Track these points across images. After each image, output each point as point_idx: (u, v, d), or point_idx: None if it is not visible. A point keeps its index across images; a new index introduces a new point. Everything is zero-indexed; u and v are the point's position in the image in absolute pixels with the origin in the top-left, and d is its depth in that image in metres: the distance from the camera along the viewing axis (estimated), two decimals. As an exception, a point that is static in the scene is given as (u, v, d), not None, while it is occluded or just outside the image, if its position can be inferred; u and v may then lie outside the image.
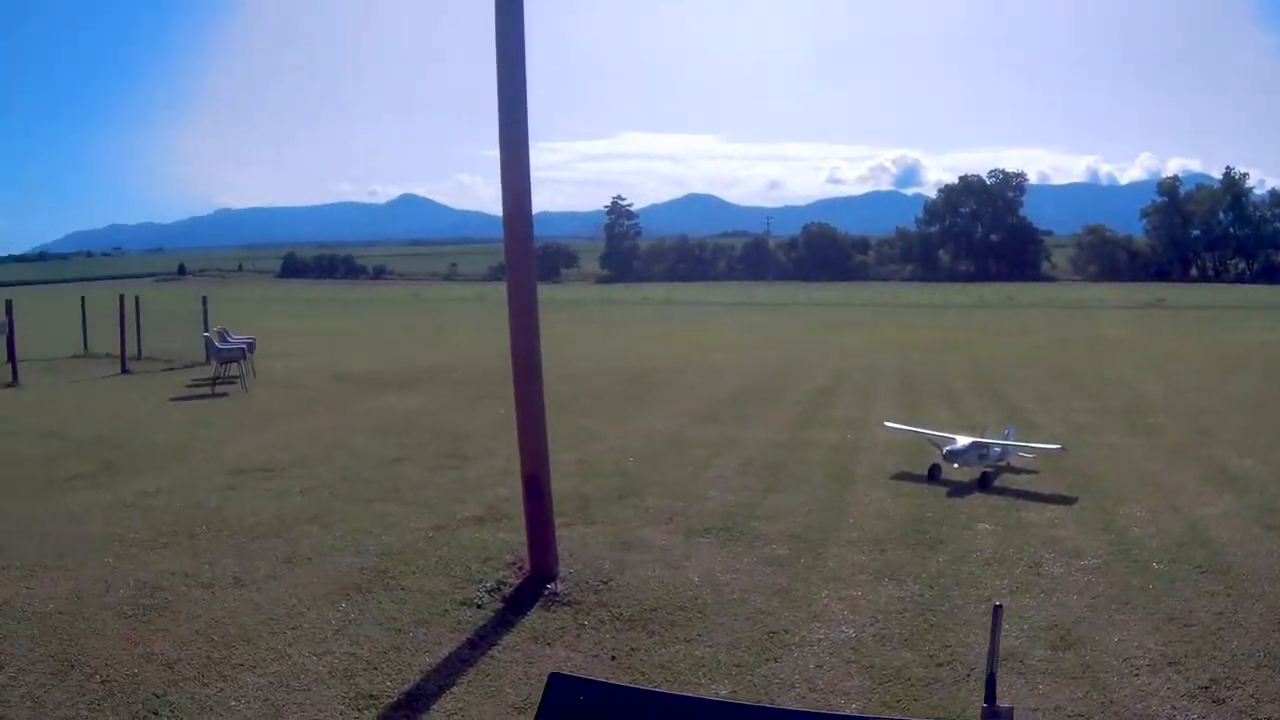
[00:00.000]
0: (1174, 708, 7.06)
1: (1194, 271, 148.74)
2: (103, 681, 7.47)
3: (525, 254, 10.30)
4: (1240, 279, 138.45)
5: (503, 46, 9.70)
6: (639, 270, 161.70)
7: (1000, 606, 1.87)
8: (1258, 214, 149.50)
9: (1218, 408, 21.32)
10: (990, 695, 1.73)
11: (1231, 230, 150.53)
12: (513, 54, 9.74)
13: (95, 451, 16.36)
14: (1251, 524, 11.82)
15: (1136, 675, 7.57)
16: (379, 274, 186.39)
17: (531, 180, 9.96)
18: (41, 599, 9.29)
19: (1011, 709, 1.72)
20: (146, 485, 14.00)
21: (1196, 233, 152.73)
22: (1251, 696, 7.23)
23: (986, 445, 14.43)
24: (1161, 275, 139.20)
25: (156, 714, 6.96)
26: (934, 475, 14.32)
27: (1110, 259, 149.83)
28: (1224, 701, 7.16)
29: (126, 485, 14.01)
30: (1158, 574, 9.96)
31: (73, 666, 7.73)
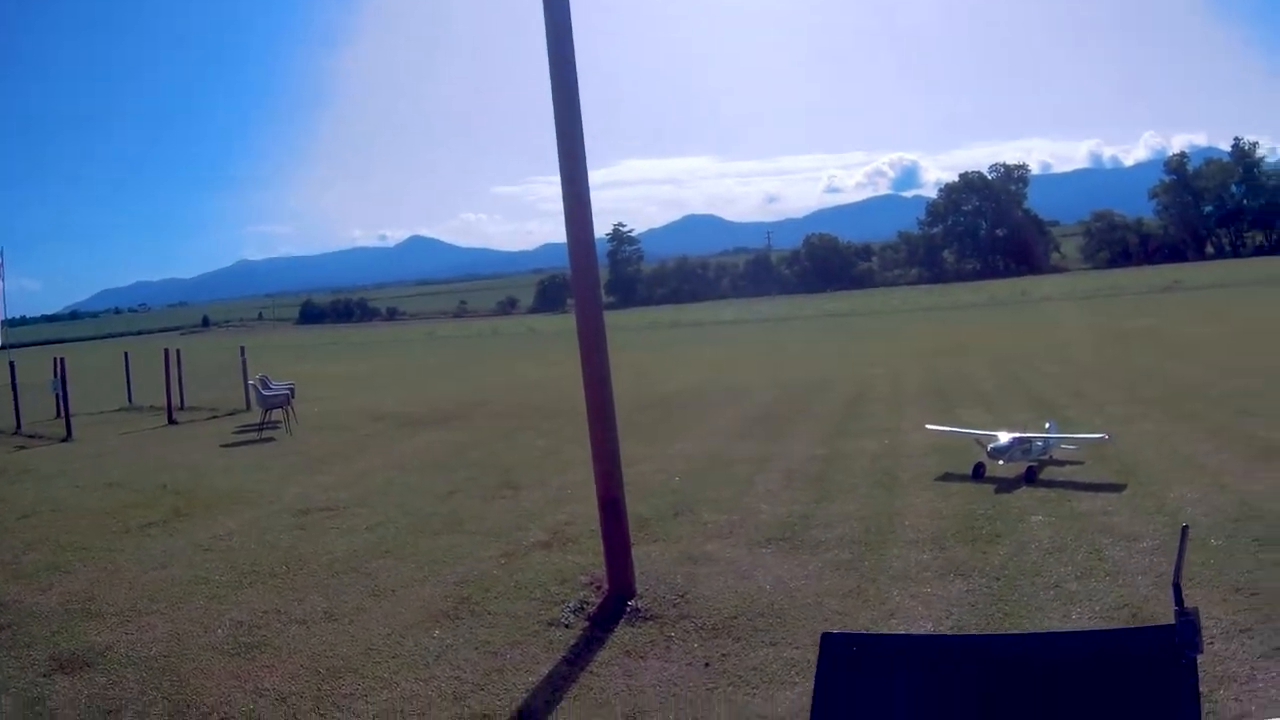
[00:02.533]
0: (1252, 668, 7.16)
1: (1210, 249, 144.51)
2: (221, 719, 7.55)
3: (592, 298, 10.50)
4: (1259, 251, 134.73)
5: (563, 134, 9.91)
6: (643, 294, 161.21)
7: (1187, 527, 2.07)
8: (1271, 182, 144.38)
9: (1252, 386, 21.13)
10: (1178, 600, 1.94)
11: (1245, 202, 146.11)
12: (573, 143, 9.90)
13: (161, 499, 16.45)
14: None
15: (1211, 643, 7.59)
16: (392, 315, 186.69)
17: (537, 214, 10.13)
18: (143, 643, 9.40)
19: (1196, 609, 1.92)
20: (218, 529, 14.10)
21: (1209, 208, 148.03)
22: None
23: (1029, 440, 14.40)
24: (1176, 256, 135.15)
25: (281, 746, 7.05)
26: (979, 473, 14.30)
27: (1121, 244, 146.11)
28: None
29: (199, 530, 14.12)
30: (1217, 549, 9.99)
31: (188, 706, 7.81)
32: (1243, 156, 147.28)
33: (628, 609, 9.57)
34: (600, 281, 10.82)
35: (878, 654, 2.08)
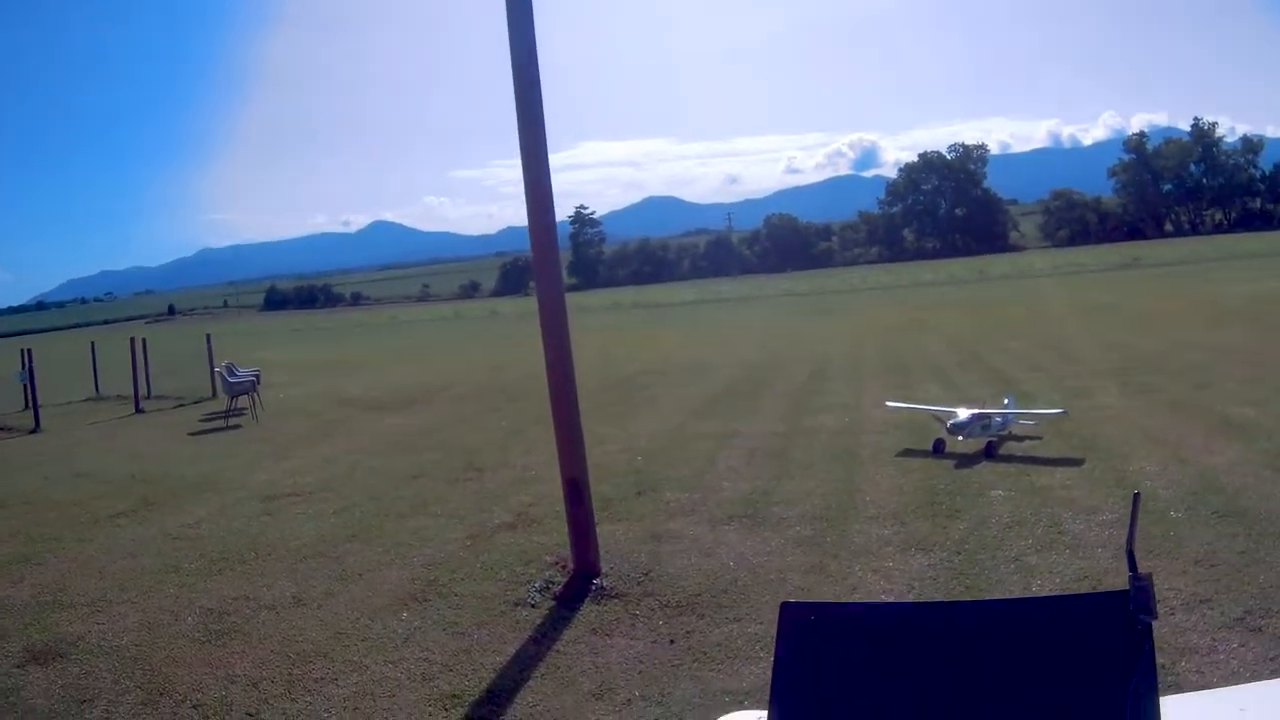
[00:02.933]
0: (1213, 639, 7.27)
1: (1169, 227, 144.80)
2: (194, 706, 7.59)
3: (554, 280, 10.55)
4: (1218, 229, 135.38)
5: (523, 113, 9.94)
6: (605, 276, 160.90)
7: (1139, 494, 2.14)
8: (1230, 162, 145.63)
9: (1211, 361, 21.37)
10: (1132, 566, 2.02)
11: (1205, 181, 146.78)
12: (534, 117, 9.94)
13: (130, 488, 16.40)
14: (1262, 469, 11.97)
15: (1172, 614, 7.75)
16: (356, 300, 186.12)
17: (499, 198, 10.18)
18: (115, 632, 9.41)
19: (1150, 575, 2.00)
20: (187, 517, 14.09)
21: (1168, 187, 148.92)
22: None
23: (989, 415, 14.52)
24: (1135, 234, 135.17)
25: (256, 731, 7.09)
26: (939, 449, 14.42)
27: (1080, 222, 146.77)
28: (1260, 630, 7.38)
29: (168, 518, 14.10)
30: (1177, 522, 10.13)
31: (162, 694, 7.84)
32: (1202, 136, 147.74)
33: (593, 588, 9.65)
34: (562, 263, 10.85)
35: (836, 622, 2.15)
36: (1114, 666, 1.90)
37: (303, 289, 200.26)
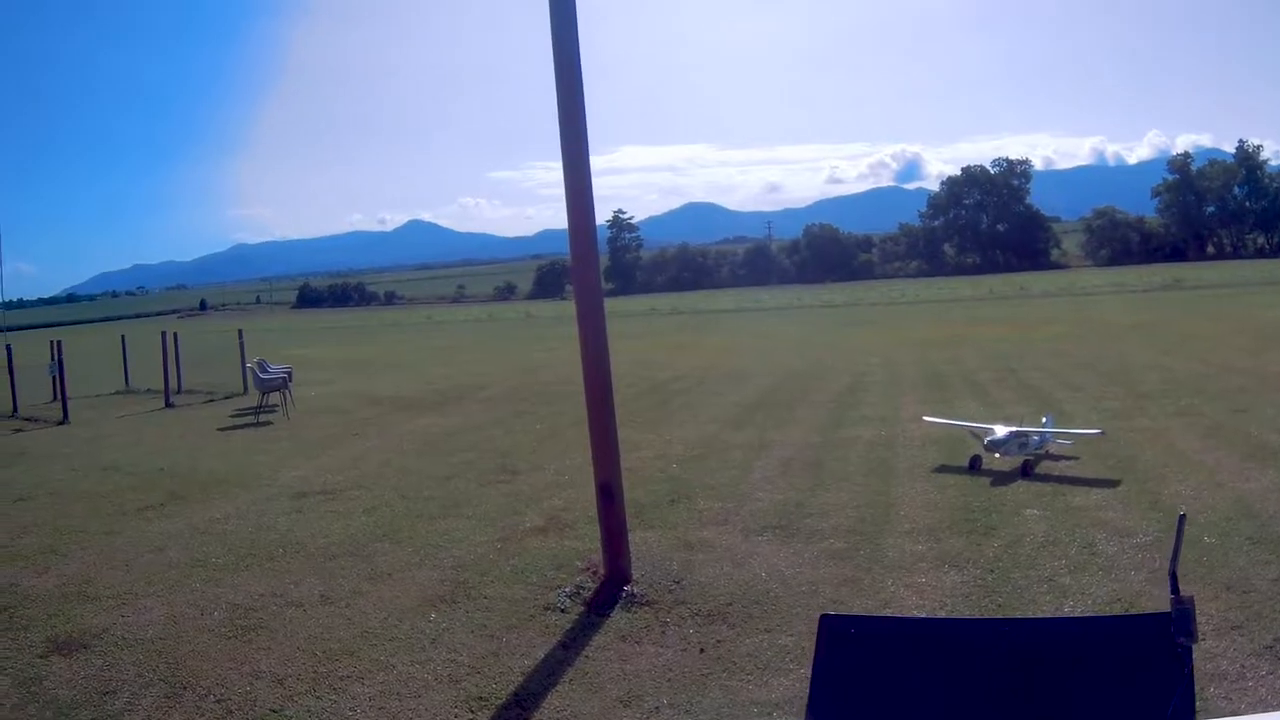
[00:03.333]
0: (1242, 666, 7.19)
1: (1210, 249, 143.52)
2: (218, 701, 7.59)
3: (593, 284, 10.53)
4: (1260, 254, 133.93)
5: (564, 108, 9.92)
6: (643, 282, 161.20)
7: (1184, 515, 2.12)
8: (1274, 185, 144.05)
9: (1250, 386, 21.17)
10: (1174, 589, 1.99)
11: (1248, 204, 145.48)
12: (575, 122, 9.94)
13: (158, 482, 16.49)
14: None
15: (1204, 639, 7.63)
16: (390, 299, 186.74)
17: (536, 200, 10.18)
18: (140, 625, 9.43)
19: (1192, 597, 1.97)
20: (215, 513, 14.14)
21: (1211, 209, 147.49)
22: None
23: (1026, 434, 14.41)
24: (1177, 255, 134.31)
25: (279, 728, 7.09)
26: (975, 466, 14.32)
27: (1123, 241, 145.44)
28: None
29: (196, 513, 14.15)
30: (1210, 547, 10.01)
31: (185, 688, 7.84)
32: (1246, 158, 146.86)
33: (623, 594, 9.62)
34: (600, 268, 10.83)
35: (876, 636, 2.12)
36: (1153, 688, 1.87)
37: (336, 287, 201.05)
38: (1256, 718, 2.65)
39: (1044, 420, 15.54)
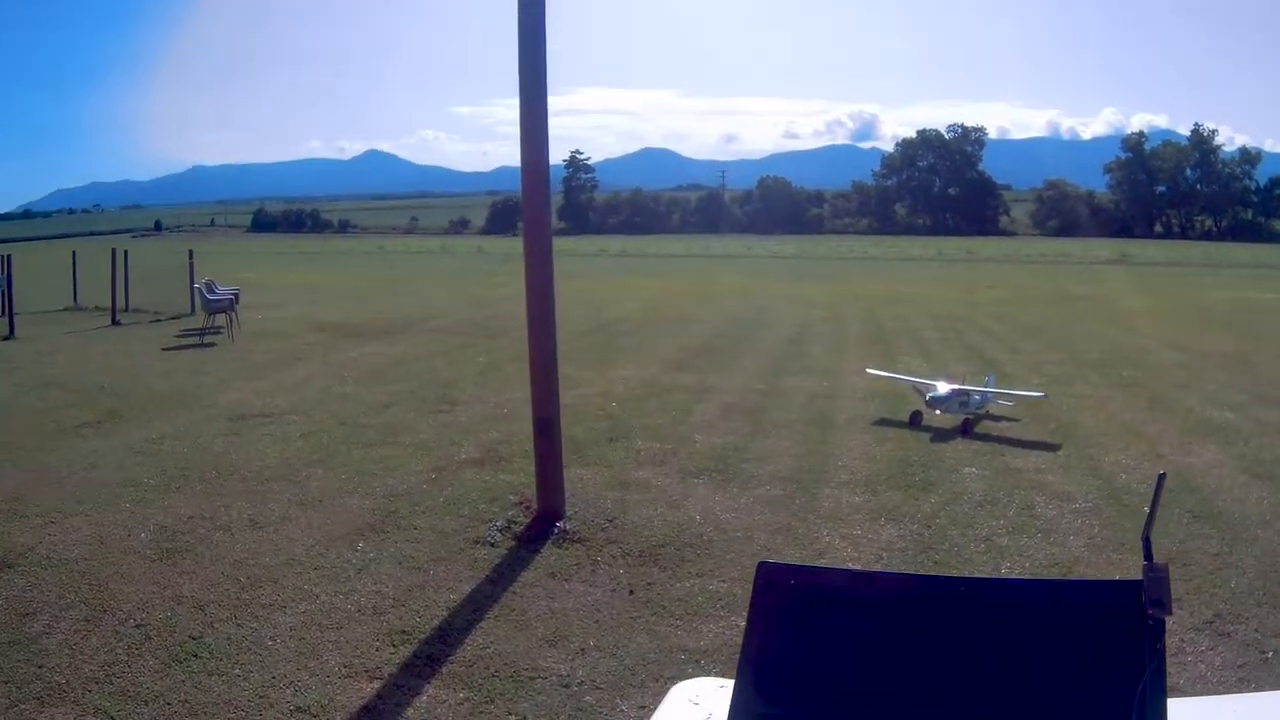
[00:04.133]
0: (1182, 640, 7.02)
1: (1159, 228, 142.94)
2: (137, 626, 7.31)
3: (541, 216, 10.26)
4: (1207, 236, 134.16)
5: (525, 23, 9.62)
6: (595, 224, 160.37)
7: (1164, 475, 1.88)
8: (1226, 171, 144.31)
9: (1191, 362, 21.11)
10: (1148, 555, 1.76)
11: (1199, 187, 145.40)
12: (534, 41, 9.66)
13: (98, 400, 16.10)
14: (1238, 473, 11.72)
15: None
16: (344, 227, 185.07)
17: (495, 136, 9.93)
18: (65, 545, 9.11)
19: (1167, 565, 1.74)
20: (152, 432, 13.81)
21: (1162, 189, 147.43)
22: (1256, 631, 7.21)
23: (968, 392, 14.30)
24: (1125, 231, 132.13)
25: (196, 656, 6.83)
26: (915, 421, 14.24)
27: (1071, 214, 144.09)
28: (1229, 635, 7.15)
29: (133, 432, 13.82)
30: (1151, 519, 9.87)
31: (105, 611, 7.56)
32: (1200, 142, 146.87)
33: (555, 530, 9.41)
34: (551, 206, 10.57)
35: (818, 587, 1.90)
36: (1120, 662, 1.66)
37: (291, 212, 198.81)
38: (1234, 698, 2.44)
39: (986, 380, 15.47)
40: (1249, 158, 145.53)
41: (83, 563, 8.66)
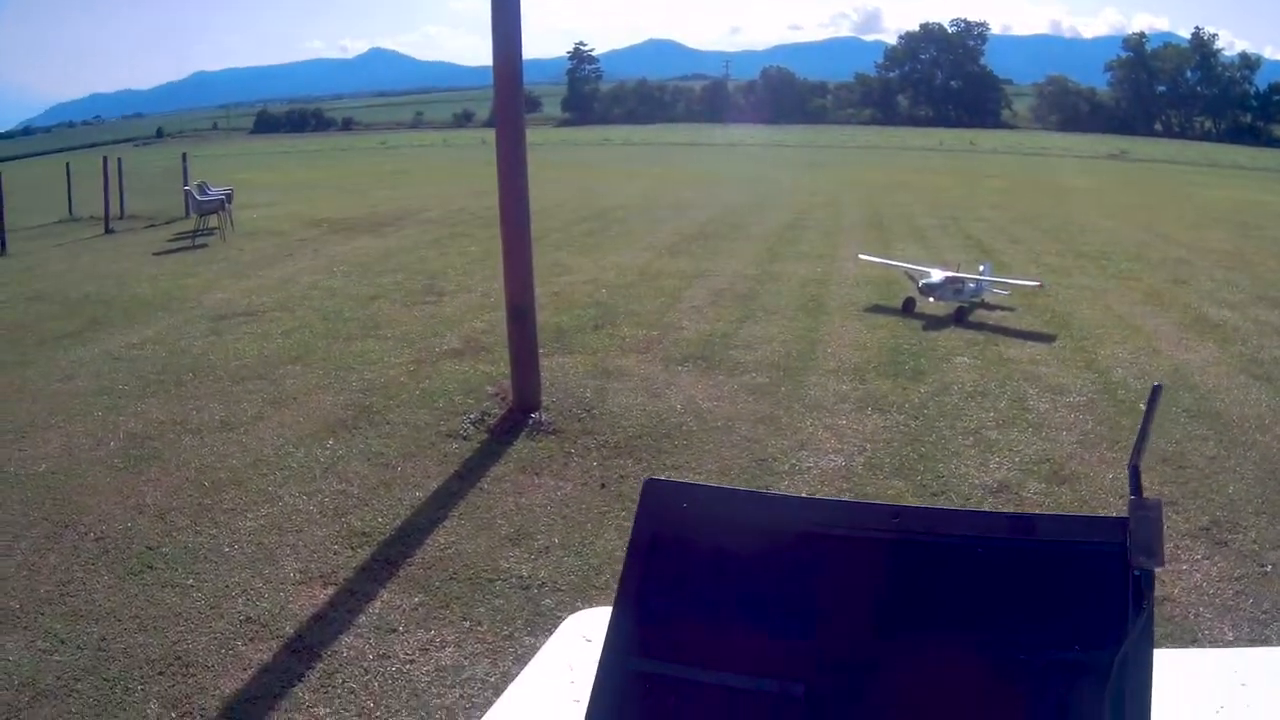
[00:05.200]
0: (1177, 546, 6.68)
1: (1158, 127, 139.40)
2: (96, 539, 6.99)
3: (515, 96, 9.76)
4: (1206, 137, 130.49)
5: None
6: (600, 114, 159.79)
7: (1159, 387, 1.42)
8: (1226, 75, 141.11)
9: (1190, 259, 20.44)
10: (1135, 488, 1.32)
11: (1199, 90, 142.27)
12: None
13: (82, 309, 15.70)
14: (1237, 373, 11.27)
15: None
16: (347, 125, 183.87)
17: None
18: (33, 459, 8.74)
19: (1159, 503, 1.29)
20: (133, 338, 13.44)
21: (1162, 89, 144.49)
22: (1254, 543, 6.81)
23: (962, 280, 13.93)
24: (1125, 129, 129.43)
25: (150, 568, 6.52)
26: (908, 309, 13.94)
27: (1072, 109, 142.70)
28: (1226, 544, 6.77)
29: (114, 339, 13.44)
30: (1147, 416, 9.50)
31: (67, 527, 7.22)
32: (1201, 46, 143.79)
33: (530, 422, 9.09)
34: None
35: (719, 511, 1.50)
36: (1098, 620, 1.26)
37: (294, 113, 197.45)
38: (1231, 650, 2.10)
39: (981, 269, 15.02)
40: (1249, 63, 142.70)
41: (49, 477, 8.30)
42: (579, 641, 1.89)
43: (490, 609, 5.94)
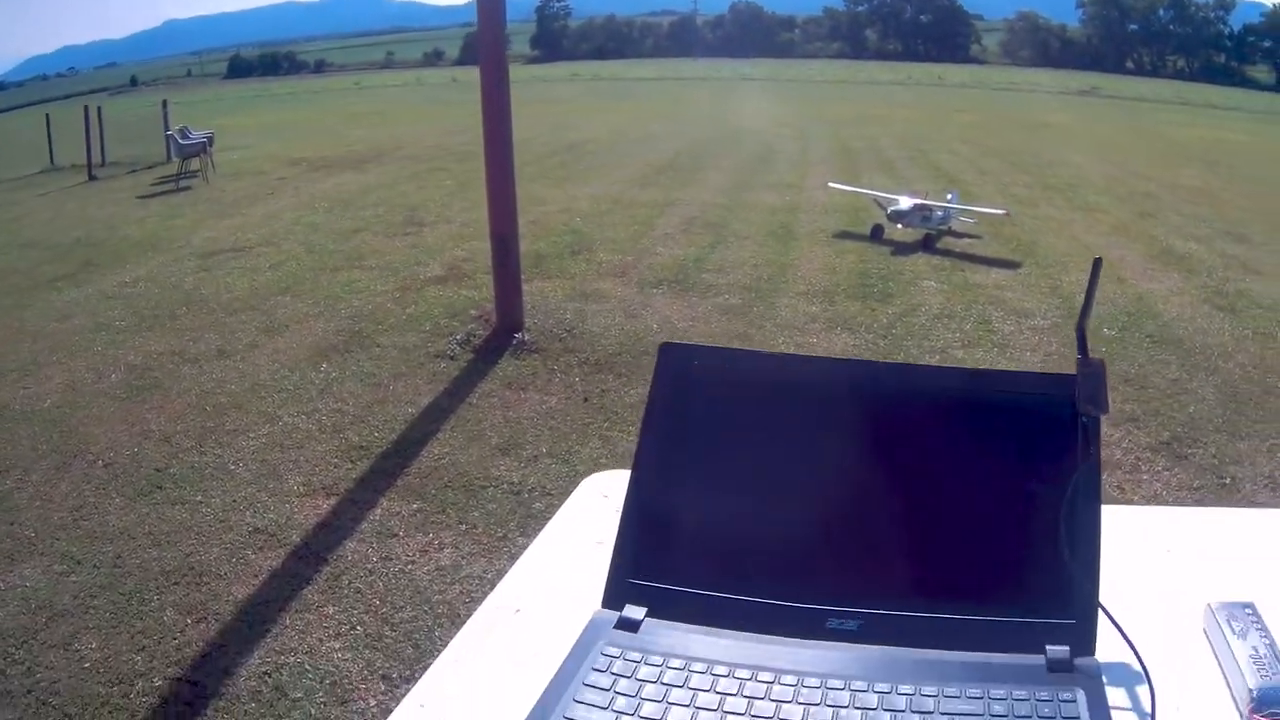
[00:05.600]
0: (1138, 459, 6.98)
1: (1130, 64, 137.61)
2: (105, 465, 7.23)
3: (496, 31, 9.95)
4: (1179, 76, 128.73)
5: None
6: (568, 50, 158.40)
7: (1100, 260, 1.70)
8: (1200, 15, 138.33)
9: (1158, 194, 20.46)
10: (1082, 349, 1.60)
11: (1172, 28, 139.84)
12: None
13: (73, 253, 15.78)
14: (1200, 303, 11.42)
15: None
16: (319, 67, 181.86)
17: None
18: (38, 396, 8.93)
19: (1102, 361, 1.58)
20: (125, 277, 13.58)
21: (1134, 27, 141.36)
22: (1214, 457, 7.07)
23: (930, 207, 14.12)
24: (1096, 66, 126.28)
25: (159, 488, 6.77)
26: (877, 235, 14.09)
27: (1043, 45, 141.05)
28: (1186, 458, 7.04)
29: (107, 279, 13.57)
30: (1109, 339, 9.72)
31: (75, 456, 7.44)
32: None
33: (514, 342, 9.35)
34: (523, 34, 10.28)
35: (726, 369, 1.75)
36: (1051, 461, 1.54)
37: (266, 56, 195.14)
38: (1186, 509, 2.32)
39: (948, 197, 15.21)
40: (1223, 4, 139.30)
41: (55, 411, 8.51)
42: (598, 499, 2.10)
43: (484, 513, 6.24)
